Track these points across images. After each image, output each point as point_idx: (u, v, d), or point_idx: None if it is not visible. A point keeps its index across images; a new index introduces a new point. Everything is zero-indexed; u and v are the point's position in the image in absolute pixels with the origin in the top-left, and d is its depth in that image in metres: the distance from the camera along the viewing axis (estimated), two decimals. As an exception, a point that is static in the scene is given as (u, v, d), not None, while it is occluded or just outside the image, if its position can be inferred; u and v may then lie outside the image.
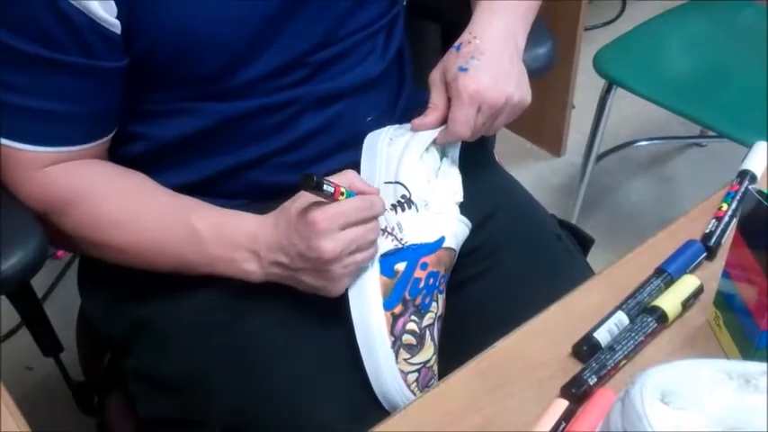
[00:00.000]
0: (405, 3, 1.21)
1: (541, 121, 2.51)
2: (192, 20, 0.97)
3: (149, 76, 1.01)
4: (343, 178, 0.98)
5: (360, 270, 0.99)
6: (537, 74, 1.17)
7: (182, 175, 1.08)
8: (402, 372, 0.99)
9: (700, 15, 2.11)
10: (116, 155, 1.08)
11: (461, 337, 1.05)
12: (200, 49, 0.99)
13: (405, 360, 0.99)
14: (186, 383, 1.04)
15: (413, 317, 1.00)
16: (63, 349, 1.21)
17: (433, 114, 1.09)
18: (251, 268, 1.00)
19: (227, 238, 1.01)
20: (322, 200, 0.94)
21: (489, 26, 1.10)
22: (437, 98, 1.09)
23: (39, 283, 1.68)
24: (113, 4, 0.92)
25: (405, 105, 1.21)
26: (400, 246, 1.01)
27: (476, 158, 1.18)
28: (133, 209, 1.03)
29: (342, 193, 0.95)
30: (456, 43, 1.10)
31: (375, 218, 0.98)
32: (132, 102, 1.03)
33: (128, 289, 1.10)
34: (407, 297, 1.00)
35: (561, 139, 2.53)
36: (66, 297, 1.97)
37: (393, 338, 0.98)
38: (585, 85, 2.40)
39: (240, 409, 1.00)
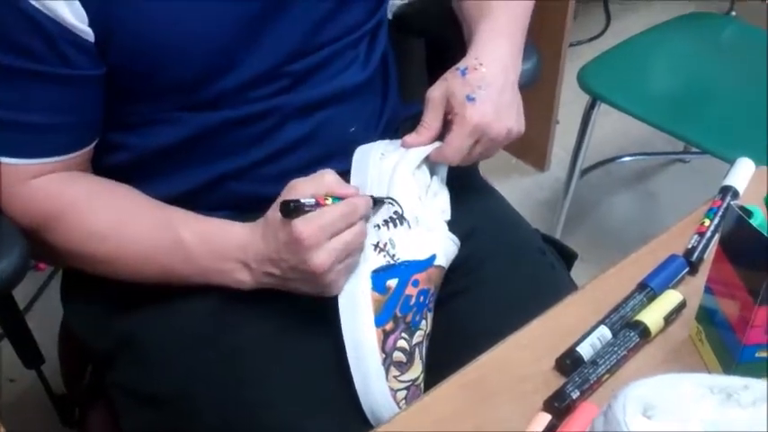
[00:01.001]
0: (390, 16, 1.21)
1: (526, 136, 2.47)
2: (166, 28, 0.97)
3: (126, 85, 1.00)
4: (321, 185, 0.98)
5: (352, 268, 0.99)
6: (521, 89, 1.18)
7: (165, 186, 1.08)
8: (392, 389, 0.98)
9: (684, 32, 2.13)
10: (98, 165, 1.08)
11: (445, 352, 1.04)
12: (175, 58, 0.99)
13: (395, 377, 0.98)
14: (171, 397, 1.03)
15: (403, 334, 0.99)
16: (45, 361, 1.20)
17: (426, 135, 1.09)
18: (242, 278, 1.01)
19: (216, 249, 1.01)
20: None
21: (494, 52, 1.10)
22: (432, 119, 1.09)
23: (21, 295, 1.68)
24: (82, 9, 0.92)
25: (390, 116, 1.21)
26: (392, 262, 1.00)
27: (460, 173, 1.18)
28: (120, 221, 1.03)
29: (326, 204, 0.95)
30: (461, 66, 1.08)
31: (361, 219, 0.98)
32: (112, 111, 1.03)
33: (111, 302, 1.10)
34: (398, 314, 0.99)
35: (545, 154, 2.54)
36: (48, 309, 1.96)
37: (384, 355, 0.98)
38: (570, 101, 2.41)
39: (226, 422, 0.99)
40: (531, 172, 2.58)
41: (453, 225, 1.09)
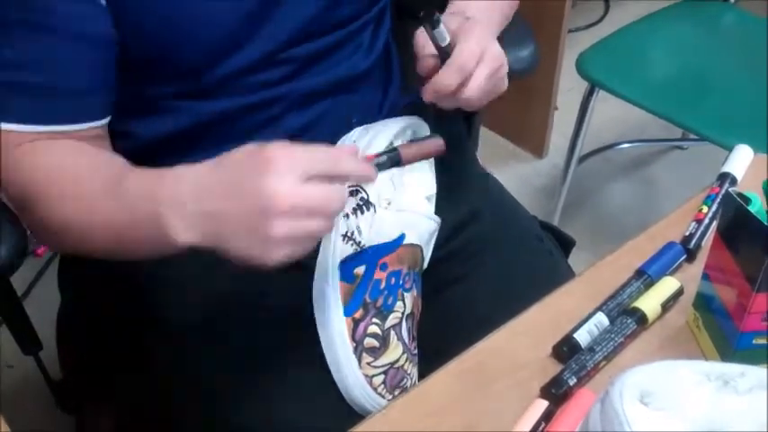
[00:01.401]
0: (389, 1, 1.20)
1: (524, 122, 2.52)
2: (172, 10, 0.95)
3: (130, 70, 0.99)
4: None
5: (305, 245, 0.80)
6: (520, 75, 1.17)
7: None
8: (366, 376, 0.98)
9: (682, 19, 2.12)
10: None
11: (444, 339, 1.04)
12: (180, 40, 0.97)
13: (368, 364, 0.98)
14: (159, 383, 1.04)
15: (374, 319, 0.99)
16: (42, 347, 1.21)
17: (429, 61, 0.99)
18: (172, 223, 0.80)
19: (150, 179, 0.86)
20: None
21: (471, 6, 1.06)
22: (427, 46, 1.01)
23: (19, 281, 1.68)
24: None
25: (390, 106, 1.20)
26: (359, 249, 1.00)
27: (458, 160, 1.18)
28: (77, 183, 0.92)
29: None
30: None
31: (340, 178, 0.82)
32: (117, 98, 1.02)
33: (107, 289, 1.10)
34: (368, 300, 0.99)
35: (544, 140, 2.54)
36: (46, 295, 1.95)
37: (354, 344, 0.98)
38: (568, 88, 2.40)
39: (213, 413, 0.99)
40: (529, 159, 2.58)
41: (451, 212, 1.09)
